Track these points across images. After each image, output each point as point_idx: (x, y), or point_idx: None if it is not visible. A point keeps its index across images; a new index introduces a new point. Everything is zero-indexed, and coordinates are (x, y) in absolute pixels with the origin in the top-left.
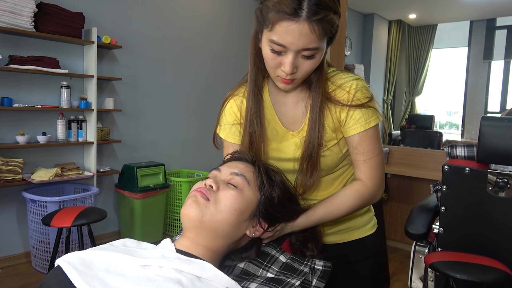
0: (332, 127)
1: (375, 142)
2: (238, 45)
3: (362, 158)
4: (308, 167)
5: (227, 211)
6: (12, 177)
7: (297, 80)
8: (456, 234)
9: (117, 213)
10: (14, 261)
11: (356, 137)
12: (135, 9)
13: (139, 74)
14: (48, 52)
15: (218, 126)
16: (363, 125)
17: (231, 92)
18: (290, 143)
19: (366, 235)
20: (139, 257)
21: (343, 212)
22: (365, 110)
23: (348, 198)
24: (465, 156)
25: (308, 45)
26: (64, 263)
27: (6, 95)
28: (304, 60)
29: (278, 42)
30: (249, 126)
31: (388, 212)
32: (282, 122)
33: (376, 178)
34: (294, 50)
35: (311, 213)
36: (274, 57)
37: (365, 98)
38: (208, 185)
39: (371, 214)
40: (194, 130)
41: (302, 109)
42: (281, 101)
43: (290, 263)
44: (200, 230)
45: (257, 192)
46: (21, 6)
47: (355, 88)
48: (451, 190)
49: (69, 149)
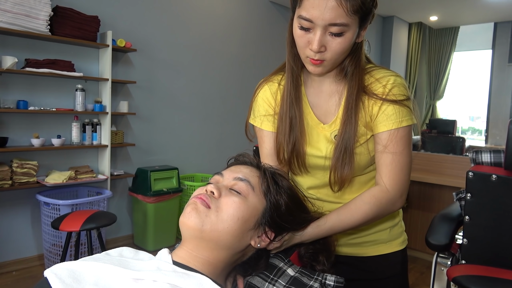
0: (363, 121)
1: (405, 145)
2: (254, 49)
3: (387, 159)
4: (344, 160)
5: (229, 220)
6: (26, 179)
7: (326, 62)
8: (481, 246)
9: (130, 217)
10: (28, 263)
11: (385, 134)
12: (150, 12)
13: (153, 77)
14: (63, 55)
15: (251, 114)
16: (395, 122)
17: (265, 79)
18: (320, 137)
19: (394, 251)
20: (132, 269)
21: (357, 220)
22: (398, 107)
23: (363, 204)
24: (492, 162)
25: (335, 19)
26: (52, 275)
27: (22, 98)
28: (333, 39)
29: (305, 17)
30: (289, 110)
31: (408, 220)
32: (315, 113)
33: (397, 183)
34: (321, 26)
35: (322, 221)
36: (303, 35)
37: (401, 95)
38: (209, 191)
39: (401, 229)
40: (209, 134)
41: (336, 101)
42: (315, 92)
43: (299, 277)
44: (200, 241)
45: (263, 199)
46: (37, 9)
47: (392, 83)
48: (476, 198)
49: (83, 152)
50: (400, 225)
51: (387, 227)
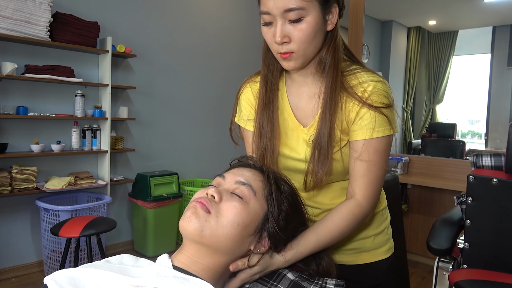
0: (340, 126)
1: (381, 155)
2: (253, 54)
3: (361, 170)
4: (319, 161)
5: (229, 225)
6: (26, 185)
7: (295, 54)
8: (483, 250)
9: (130, 222)
10: (27, 270)
11: (360, 142)
12: (149, 18)
13: (153, 82)
14: (63, 61)
15: (237, 115)
16: (370, 132)
17: (248, 78)
18: (300, 140)
19: (378, 260)
20: (132, 276)
21: (335, 237)
22: (376, 116)
23: (341, 221)
24: (492, 166)
25: (288, 4)
26: (51, 282)
27: (22, 104)
28: (294, 26)
29: (263, 10)
30: (259, 116)
31: (408, 225)
32: (295, 115)
33: (371, 196)
34: (278, 15)
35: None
36: (267, 30)
37: (379, 103)
38: (210, 195)
39: (386, 237)
40: (209, 139)
41: (316, 102)
42: (296, 93)
43: (299, 281)
44: (200, 246)
45: (264, 204)
46: (37, 16)
47: (371, 90)
48: (477, 202)
49: (83, 158)
50: (386, 232)
51: (371, 234)
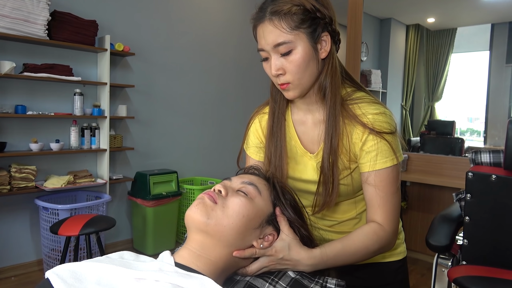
0: (347, 156)
1: (392, 184)
2: (251, 52)
3: (377, 199)
4: (327, 189)
5: (234, 216)
6: (25, 184)
7: (292, 85)
8: (482, 246)
9: (129, 221)
10: (27, 269)
11: (369, 174)
12: (148, 16)
13: (152, 81)
14: (61, 60)
15: (245, 143)
16: (374, 163)
17: (257, 109)
18: (308, 167)
19: (388, 261)
20: (134, 269)
21: (359, 250)
22: (380, 145)
23: (366, 238)
24: (491, 162)
25: (276, 40)
26: (53, 276)
27: (20, 102)
28: (286, 59)
29: (259, 48)
30: (268, 145)
31: (407, 222)
32: (302, 142)
33: (393, 223)
34: (270, 50)
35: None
36: (266, 65)
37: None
38: (217, 190)
39: (398, 241)
40: (208, 137)
41: (320, 130)
42: (302, 121)
43: (300, 279)
44: (204, 237)
45: (270, 205)
46: (35, 14)
47: (372, 121)
48: (476, 198)
49: (82, 157)
50: (398, 237)
51: None
